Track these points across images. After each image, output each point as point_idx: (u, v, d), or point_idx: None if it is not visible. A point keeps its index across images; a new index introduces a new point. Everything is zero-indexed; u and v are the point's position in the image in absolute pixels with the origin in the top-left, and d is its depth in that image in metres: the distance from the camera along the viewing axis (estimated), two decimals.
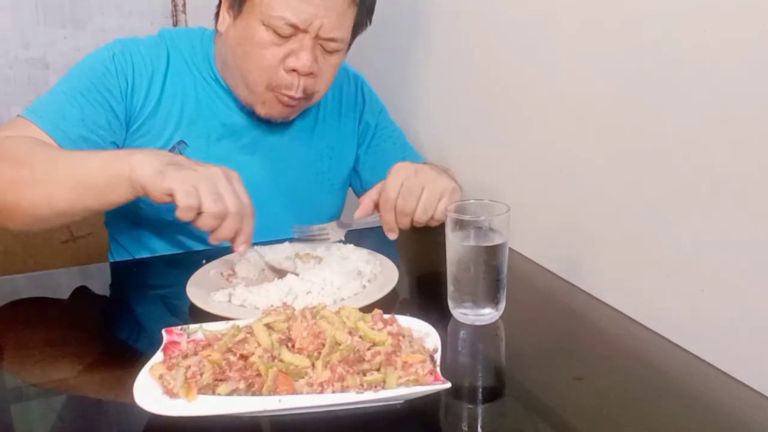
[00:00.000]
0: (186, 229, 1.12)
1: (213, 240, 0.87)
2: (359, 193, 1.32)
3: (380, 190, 0.98)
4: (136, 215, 1.12)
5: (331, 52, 1.07)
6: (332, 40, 1.05)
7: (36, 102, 1.04)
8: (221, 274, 0.97)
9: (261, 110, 1.09)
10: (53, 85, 1.07)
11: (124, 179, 0.86)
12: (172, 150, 1.10)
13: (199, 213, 0.84)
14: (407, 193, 0.96)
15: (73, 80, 1.06)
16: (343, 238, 1.04)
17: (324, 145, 1.23)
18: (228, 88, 1.13)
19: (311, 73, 1.05)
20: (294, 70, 1.04)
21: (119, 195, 0.88)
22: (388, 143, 1.29)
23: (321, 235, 1.04)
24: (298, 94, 1.06)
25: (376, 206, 0.99)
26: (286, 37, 1.03)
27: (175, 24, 2.02)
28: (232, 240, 0.88)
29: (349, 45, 1.13)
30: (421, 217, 0.96)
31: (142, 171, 0.85)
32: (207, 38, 1.15)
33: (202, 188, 0.83)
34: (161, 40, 1.14)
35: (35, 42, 1.90)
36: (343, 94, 1.26)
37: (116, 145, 1.08)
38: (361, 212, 1.00)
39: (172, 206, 0.86)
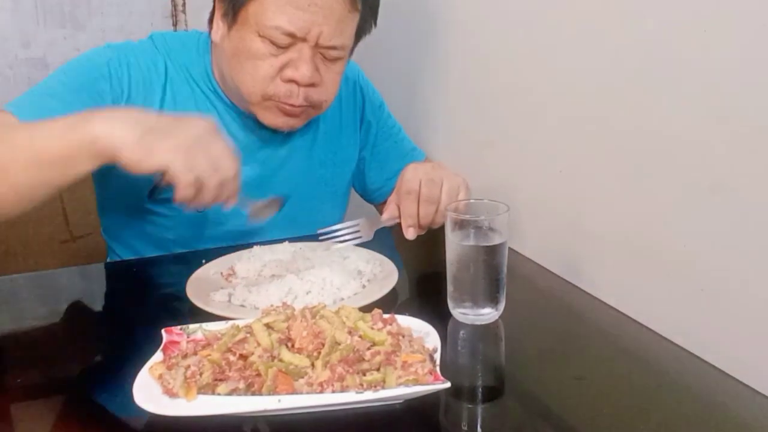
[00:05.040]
0: (186, 243, 1.10)
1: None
2: (363, 194, 1.31)
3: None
4: (137, 232, 1.10)
5: (332, 60, 1.02)
6: (333, 48, 1.00)
7: (23, 96, 0.97)
8: (221, 273, 0.97)
9: (264, 119, 1.04)
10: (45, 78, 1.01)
11: (84, 148, 0.78)
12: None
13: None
14: (430, 183, 0.95)
15: (63, 77, 1.00)
16: (373, 236, 1.01)
17: (326, 152, 1.19)
18: (226, 99, 1.09)
19: (312, 84, 1.00)
20: (292, 81, 0.99)
21: (82, 166, 0.80)
22: (389, 141, 1.27)
23: (353, 233, 1.00)
24: (299, 102, 1.01)
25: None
26: (283, 48, 0.98)
27: (175, 24, 2.02)
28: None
29: (353, 49, 1.09)
30: (446, 205, 0.93)
31: (115, 141, 0.77)
32: (203, 45, 1.09)
33: (198, 162, 0.78)
34: (155, 47, 1.08)
35: (35, 42, 1.90)
36: (342, 95, 1.22)
37: None
38: (387, 215, 0.99)
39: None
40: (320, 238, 0.99)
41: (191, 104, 1.07)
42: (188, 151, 0.77)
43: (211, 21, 1.06)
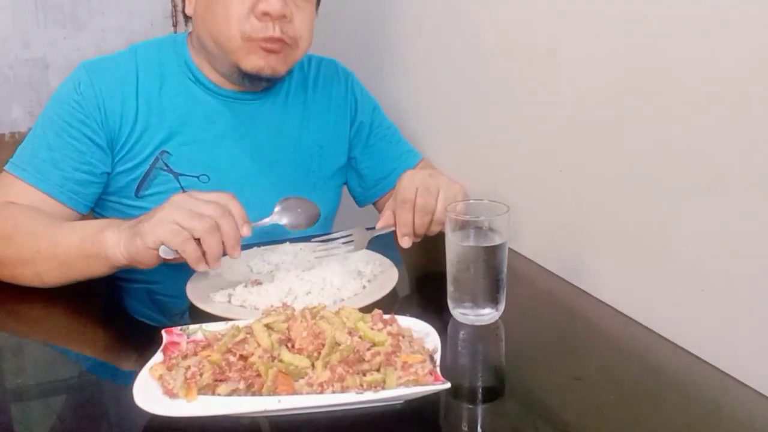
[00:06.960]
0: None
1: (234, 254, 0.85)
2: (357, 194, 1.32)
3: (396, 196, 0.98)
4: None
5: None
6: None
7: (18, 152, 1.05)
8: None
9: (247, 64, 1.05)
10: (35, 123, 1.08)
11: (100, 259, 0.89)
12: (155, 162, 1.09)
13: (197, 242, 0.82)
14: (425, 192, 0.96)
15: (47, 122, 1.06)
16: (366, 246, 1.00)
17: (313, 143, 1.21)
18: (210, 84, 1.12)
19: (284, 16, 1.03)
20: (266, 14, 1.02)
21: (100, 271, 0.91)
22: (383, 142, 1.28)
23: (345, 243, 0.99)
24: (276, 33, 1.03)
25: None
26: None
27: (176, 24, 2.02)
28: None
29: (318, 2, 1.13)
30: (442, 215, 0.95)
31: (120, 250, 0.86)
32: (180, 43, 1.14)
33: (179, 218, 0.82)
34: (130, 56, 1.12)
35: (35, 42, 1.90)
36: (333, 91, 1.25)
37: (107, 175, 1.09)
38: (382, 223, 0.99)
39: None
40: (315, 251, 0.98)
41: (167, 100, 1.11)
42: (169, 218, 0.82)
43: (183, 9, 1.12)
